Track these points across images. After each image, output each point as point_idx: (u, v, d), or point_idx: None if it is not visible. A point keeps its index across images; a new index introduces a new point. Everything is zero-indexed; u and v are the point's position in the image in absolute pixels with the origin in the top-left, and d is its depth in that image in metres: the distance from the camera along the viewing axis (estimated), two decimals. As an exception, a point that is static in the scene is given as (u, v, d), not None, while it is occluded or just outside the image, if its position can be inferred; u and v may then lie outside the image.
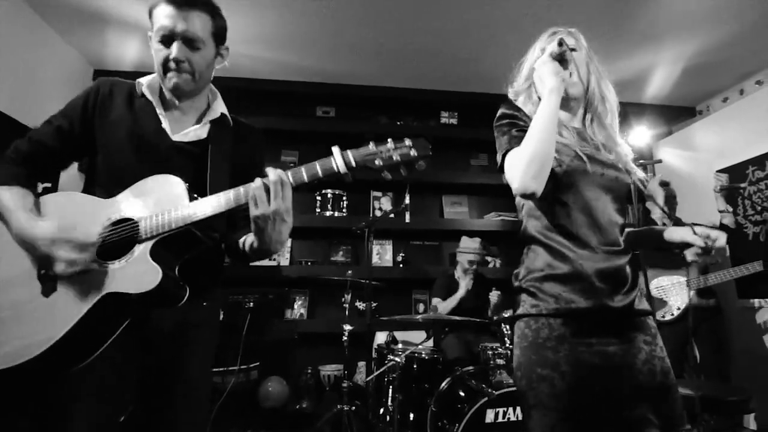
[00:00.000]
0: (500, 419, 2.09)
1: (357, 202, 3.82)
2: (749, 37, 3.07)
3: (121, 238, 1.03)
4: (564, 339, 1.06)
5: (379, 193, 3.92)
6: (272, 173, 1.01)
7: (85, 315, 0.97)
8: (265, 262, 3.58)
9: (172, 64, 1.12)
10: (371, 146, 1.04)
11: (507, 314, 2.91)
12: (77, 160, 1.23)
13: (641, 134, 3.48)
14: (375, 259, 3.72)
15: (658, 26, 2.98)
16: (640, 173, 1.25)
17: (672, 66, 3.45)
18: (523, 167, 1.06)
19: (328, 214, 3.59)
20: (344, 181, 1.04)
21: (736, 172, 3.19)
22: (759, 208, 3.05)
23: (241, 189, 1.03)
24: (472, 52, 3.31)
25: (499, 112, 1.24)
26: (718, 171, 3.30)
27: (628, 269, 1.14)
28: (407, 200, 3.58)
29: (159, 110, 1.18)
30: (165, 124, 1.17)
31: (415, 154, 1.04)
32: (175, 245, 1.04)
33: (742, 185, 3.11)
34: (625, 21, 2.92)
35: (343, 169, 1.02)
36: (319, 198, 3.65)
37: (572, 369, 1.03)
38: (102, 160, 1.15)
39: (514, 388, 1.87)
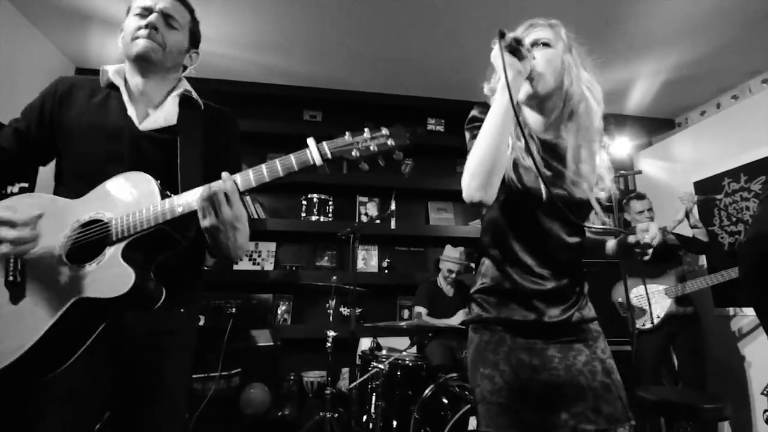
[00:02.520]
0: (483, 426, 2.09)
1: (343, 207, 3.80)
2: (727, 53, 3.18)
3: (91, 241, 1.00)
4: (503, 342, 1.12)
5: (365, 199, 3.91)
6: (215, 184, 0.96)
7: (56, 321, 0.94)
8: (249, 267, 3.55)
9: (143, 31, 1.11)
10: (347, 137, 1.01)
11: None
12: (42, 164, 1.19)
13: (622, 145, 3.57)
14: (360, 265, 3.71)
15: (639, 41, 3.06)
16: (601, 193, 1.16)
17: (652, 79, 3.55)
18: (468, 176, 1.02)
19: (313, 218, 3.57)
20: (322, 173, 1.03)
21: (712, 184, 3.29)
22: (734, 219, 3.14)
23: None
24: (459, 60, 3.34)
25: (471, 113, 1.20)
26: (695, 183, 3.39)
27: (571, 287, 1.15)
28: (393, 206, 3.60)
29: (125, 97, 1.15)
30: (131, 112, 1.13)
31: (393, 144, 1.01)
32: (148, 245, 1.01)
33: (718, 197, 3.20)
34: (608, 34, 2.99)
35: (318, 161, 0.98)
36: (304, 202, 3.63)
37: (510, 368, 1.09)
38: (66, 160, 1.11)
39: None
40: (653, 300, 2.91)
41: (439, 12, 2.81)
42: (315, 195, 3.62)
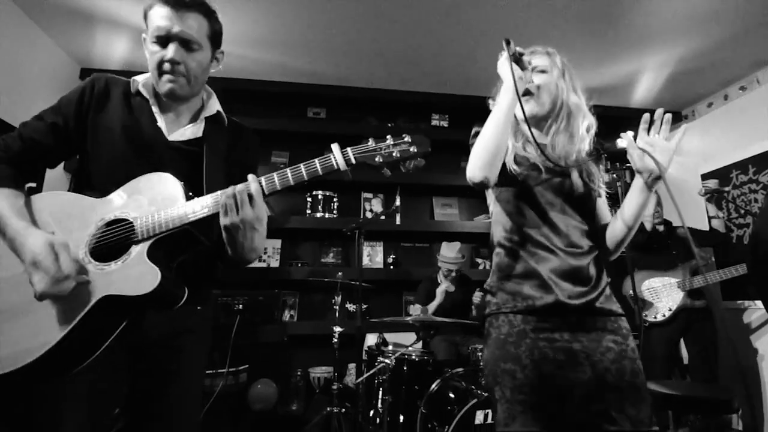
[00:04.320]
0: (490, 420, 2.09)
1: (347, 204, 3.81)
2: (733, 44, 3.13)
3: (116, 240, 1.00)
4: (525, 334, 1.10)
5: (369, 195, 3.92)
6: (240, 185, 0.98)
7: (81, 319, 0.94)
8: (255, 264, 3.54)
9: (167, 66, 1.09)
10: (371, 143, 1.03)
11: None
12: (68, 159, 1.18)
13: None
14: (365, 261, 3.72)
15: (645, 33, 3.02)
16: (598, 180, 1.27)
17: (658, 71, 3.50)
18: (473, 157, 1.14)
19: (318, 215, 3.58)
20: (344, 179, 1.04)
21: (720, 176, 3.26)
22: (742, 211, 3.11)
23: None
24: (463, 56, 3.32)
25: (474, 129, 1.29)
26: (702, 176, 3.36)
27: (590, 269, 1.17)
28: (398, 202, 3.59)
29: (155, 109, 1.16)
30: (161, 123, 1.15)
31: (415, 150, 1.04)
32: (171, 245, 1.02)
33: (726, 189, 3.17)
34: (613, 27, 2.96)
35: (343, 166, 1.00)
36: (309, 199, 3.64)
37: (533, 363, 1.07)
38: (95, 159, 1.11)
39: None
40: (665, 293, 2.89)
41: (443, 8, 2.79)
42: (320, 192, 3.63)
